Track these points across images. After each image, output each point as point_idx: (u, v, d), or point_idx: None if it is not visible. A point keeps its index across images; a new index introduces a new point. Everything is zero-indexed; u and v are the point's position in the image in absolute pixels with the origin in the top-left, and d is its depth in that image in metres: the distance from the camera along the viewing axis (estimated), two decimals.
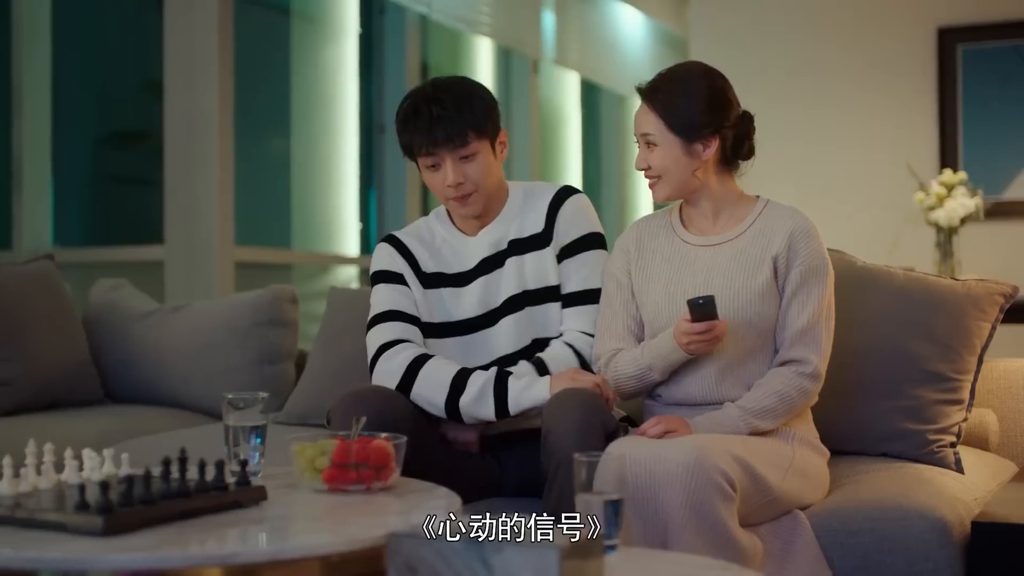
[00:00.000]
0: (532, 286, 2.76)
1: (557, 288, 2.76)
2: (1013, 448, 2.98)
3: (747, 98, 2.70)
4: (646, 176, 2.66)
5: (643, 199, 8.82)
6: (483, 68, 6.92)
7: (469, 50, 6.83)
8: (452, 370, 2.64)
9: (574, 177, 7.80)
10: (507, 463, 2.78)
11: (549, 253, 2.76)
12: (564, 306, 2.76)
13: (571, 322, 2.74)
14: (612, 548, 1.86)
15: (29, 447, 2.07)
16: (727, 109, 2.61)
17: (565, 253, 2.77)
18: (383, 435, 2.21)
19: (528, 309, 2.75)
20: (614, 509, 1.91)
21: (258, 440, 2.32)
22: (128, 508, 1.84)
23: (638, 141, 2.65)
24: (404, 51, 6.07)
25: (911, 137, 6.15)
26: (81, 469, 2.13)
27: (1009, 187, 5.91)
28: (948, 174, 5.04)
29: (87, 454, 2.12)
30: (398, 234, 2.89)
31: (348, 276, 6.02)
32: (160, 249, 4.95)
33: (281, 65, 5.86)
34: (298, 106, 5.89)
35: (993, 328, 2.77)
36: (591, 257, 2.77)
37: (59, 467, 2.18)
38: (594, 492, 1.93)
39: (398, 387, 2.65)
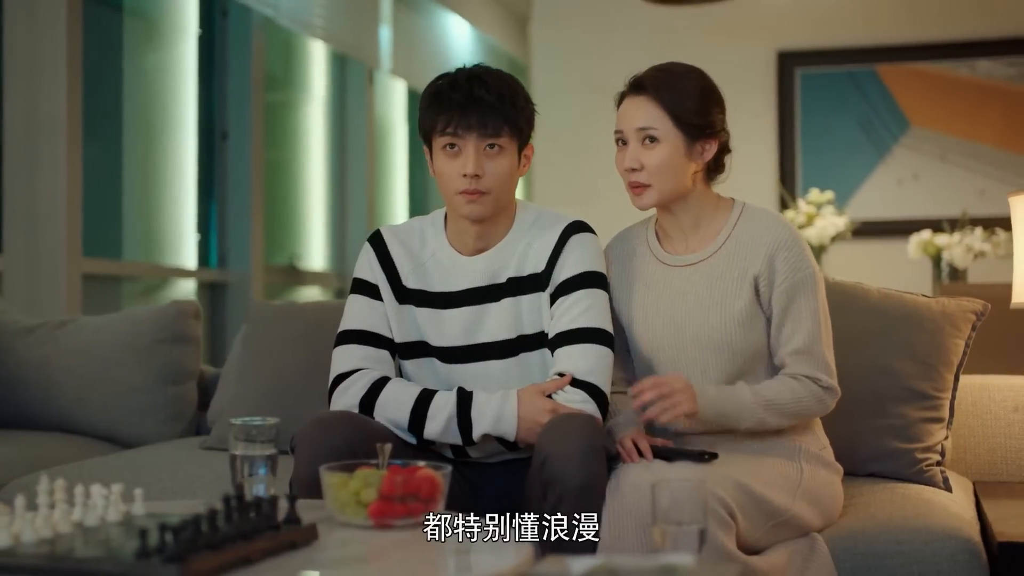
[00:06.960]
0: (529, 331, 2.54)
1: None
2: (964, 464, 3.01)
3: (592, 120, 2.61)
4: (632, 178, 2.47)
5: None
6: (316, 74, 6.68)
7: (303, 54, 6.58)
8: (410, 400, 2.47)
9: (400, 189, 7.60)
10: (483, 490, 2.62)
11: (546, 296, 2.54)
12: (552, 347, 2.51)
13: (561, 363, 2.49)
14: None
15: (41, 484, 1.81)
16: (723, 112, 2.54)
17: (558, 292, 2.52)
18: (421, 463, 2.04)
19: (523, 355, 2.55)
20: (701, 539, 1.82)
21: (264, 471, 2.12)
22: (196, 554, 1.62)
23: (622, 139, 2.49)
24: (249, 55, 5.78)
25: (754, 157, 6.27)
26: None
27: (846, 208, 6.09)
28: (815, 193, 5.15)
29: (97, 491, 1.88)
30: (386, 234, 2.64)
31: (187, 290, 5.68)
32: None
33: (112, 66, 5.46)
34: (131, 110, 5.51)
35: (967, 345, 2.77)
36: (584, 296, 2.51)
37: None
38: (684, 522, 1.82)
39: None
